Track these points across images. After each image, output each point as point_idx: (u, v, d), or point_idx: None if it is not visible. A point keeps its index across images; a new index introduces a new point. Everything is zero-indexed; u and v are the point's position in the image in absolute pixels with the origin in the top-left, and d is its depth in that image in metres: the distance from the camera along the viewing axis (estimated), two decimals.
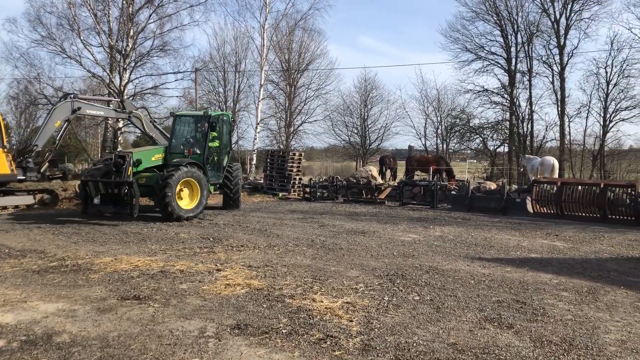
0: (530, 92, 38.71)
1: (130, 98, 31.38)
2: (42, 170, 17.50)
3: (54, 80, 39.61)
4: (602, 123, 36.54)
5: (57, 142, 18.14)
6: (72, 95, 17.01)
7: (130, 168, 13.95)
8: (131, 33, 32.70)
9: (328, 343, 5.14)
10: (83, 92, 36.63)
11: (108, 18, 32.87)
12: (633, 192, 16.52)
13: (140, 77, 35.51)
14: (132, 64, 33.74)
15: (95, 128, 44.50)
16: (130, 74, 33.69)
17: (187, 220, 14.24)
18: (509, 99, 39.48)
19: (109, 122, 33.29)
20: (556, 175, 23.47)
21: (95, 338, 5.16)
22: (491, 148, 43.50)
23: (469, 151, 48.91)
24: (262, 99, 38.03)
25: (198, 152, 15.52)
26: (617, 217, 16.38)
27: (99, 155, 40.02)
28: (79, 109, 16.60)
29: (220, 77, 47.14)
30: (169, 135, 20.20)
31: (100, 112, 18.54)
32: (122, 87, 32.25)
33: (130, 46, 32.79)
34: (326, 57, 67.01)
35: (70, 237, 11.39)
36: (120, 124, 31.72)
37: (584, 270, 8.92)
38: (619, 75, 35.49)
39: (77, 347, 4.92)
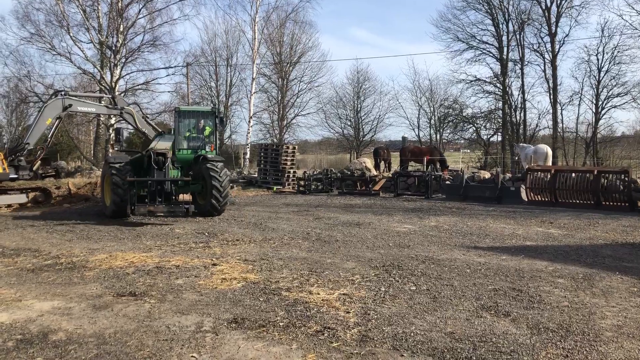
0: (522, 81, 38.81)
1: (122, 94, 31.21)
2: (34, 168, 17.38)
3: (45, 77, 39.37)
4: (594, 110, 36.71)
5: (49, 140, 18.01)
6: (63, 93, 16.87)
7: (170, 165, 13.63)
8: (121, 28, 32.49)
9: (325, 335, 5.13)
10: (74, 89, 36.34)
11: (97, 14, 32.67)
12: (626, 179, 16.59)
13: (131, 72, 35.41)
14: (123, 60, 33.56)
15: (87, 125, 44.32)
16: (121, 70, 33.51)
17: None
18: (501, 88, 39.53)
19: (101, 118, 33.13)
20: (550, 163, 23.53)
21: (91, 335, 5.13)
22: (484, 137, 43.58)
23: (462, 141, 48.96)
24: (254, 93, 37.93)
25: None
26: (611, 203, 16.46)
27: (92, 152, 39.83)
28: (70, 106, 16.46)
29: (212, 72, 46.98)
30: (161, 131, 20.11)
31: (92, 109, 18.42)
32: (113, 84, 32.08)
33: (120, 42, 32.60)
34: (318, 49, 66.64)
35: (64, 235, 11.33)
36: (113, 121, 31.56)
37: (579, 256, 8.95)
38: (610, 62, 35.64)
39: (74, 344, 4.89)
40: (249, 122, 37.45)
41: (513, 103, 39.55)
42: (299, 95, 47.56)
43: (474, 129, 43.83)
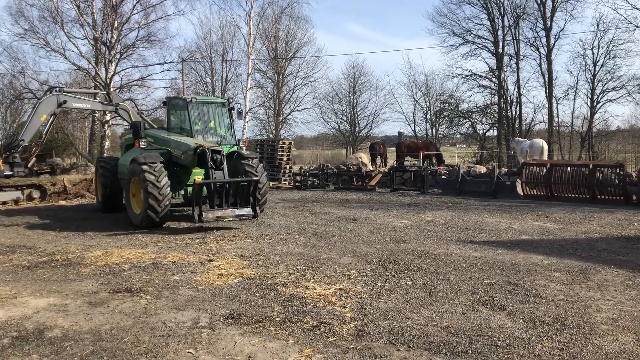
0: (518, 75, 38.86)
1: (117, 90, 31.10)
2: (29, 165, 17.33)
3: (39, 74, 39.09)
4: (589, 104, 36.81)
5: (44, 136, 17.96)
6: (57, 89, 16.79)
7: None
8: (115, 24, 32.33)
9: (322, 330, 5.14)
10: (69, 85, 36.27)
11: (92, 9, 32.49)
12: (621, 172, 16.63)
13: (126, 68, 35.24)
14: (118, 56, 33.41)
15: (82, 122, 44.13)
16: (116, 66, 33.37)
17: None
18: (497, 82, 39.56)
19: (96, 115, 33.01)
20: (545, 157, 23.59)
21: (87, 332, 5.13)
22: (480, 132, 43.66)
23: (458, 136, 49.05)
24: (250, 88, 37.79)
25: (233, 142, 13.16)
26: (606, 197, 16.50)
27: (87, 149, 39.67)
28: (65, 102, 16.40)
29: (207, 67, 46.94)
30: (155, 127, 20.06)
31: (87, 105, 18.33)
32: (108, 80, 31.93)
33: (115, 38, 32.44)
34: (313, 44, 66.79)
35: (60, 231, 11.30)
36: (108, 117, 31.45)
37: (575, 250, 8.98)
38: (605, 56, 35.73)
39: (70, 341, 4.88)
40: (245, 117, 37.36)
41: (509, 97, 39.63)
42: (295, 91, 47.51)
43: (470, 123, 43.91)
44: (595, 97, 36.43)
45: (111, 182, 13.79)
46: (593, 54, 36.05)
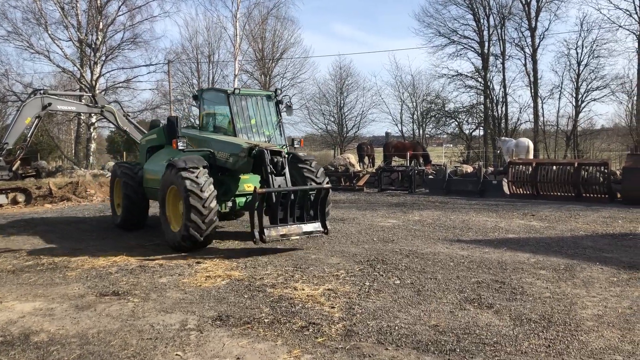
0: (503, 75, 39.14)
1: (102, 92, 30.90)
2: (14, 168, 17.15)
3: (23, 76, 38.95)
4: (574, 104, 37.14)
5: (29, 139, 17.77)
6: (42, 91, 16.64)
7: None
8: (100, 26, 32.14)
9: (310, 330, 5.14)
10: (53, 87, 35.92)
11: (76, 11, 32.28)
12: (606, 170, 16.82)
13: (112, 70, 35.02)
14: (103, 58, 33.22)
15: (67, 124, 43.81)
16: (101, 68, 33.16)
17: None
18: (482, 82, 39.81)
19: (82, 117, 32.77)
20: (531, 156, 23.78)
21: (74, 336, 5.08)
22: (467, 132, 43.90)
23: (445, 136, 49.33)
24: None
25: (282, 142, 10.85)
26: (591, 195, 16.67)
27: (73, 152, 39.34)
28: (50, 104, 16.25)
29: (193, 69, 46.58)
30: (143, 130, 19.93)
31: (72, 108, 18.19)
32: (93, 82, 31.72)
33: (100, 39, 32.24)
34: (300, 45, 66.73)
35: (45, 235, 11.19)
36: (94, 119, 31.23)
37: (561, 248, 9.06)
38: (589, 56, 36.07)
39: (56, 345, 4.84)
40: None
41: (494, 97, 39.89)
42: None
43: (456, 123, 44.17)
44: (580, 96, 36.81)
45: (135, 193, 11.32)
46: (577, 53, 36.44)
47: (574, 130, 37.06)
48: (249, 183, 9.85)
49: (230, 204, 9.81)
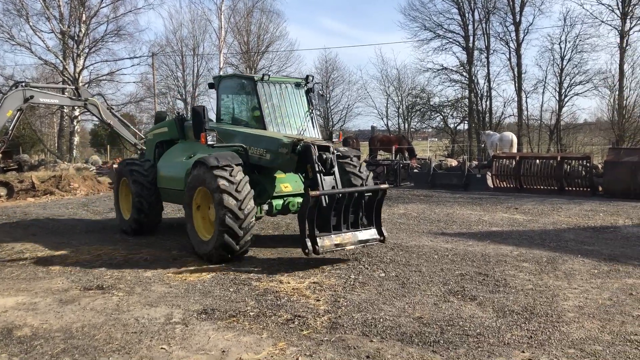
0: (488, 69, 39.32)
1: (86, 85, 30.58)
2: None
3: (4, 68, 38.40)
4: (557, 98, 37.44)
5: (10, 132, 17.50)
6: (23, 84, 16.39)
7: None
8: (83, 18, 31.77)
9: (296, 323, 5.16)
10: (35, 80, 35.47)
11: (58, 2, 31.86)
12: (588, 164, 17.02)
13: (95, 63, 34.69)
14: (86, 50, 32.86)
15: (50, 117, 43.29)
16: (84, 61, 32.80)
17: None
18: (467, 76, 39.98)
19: (65, 110, 32.41)
20: (515, 150, 23.97)
21: (58, 330, 5.06)
22: (451, 126, 44.10)
23: (430, 129, 49.49)
24: None
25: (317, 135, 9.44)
26: (574, 188, 16.87)
27: (56, 145, 38.89)
28: (32, 97, 16.00)
29: (178, 62, 46.38)
30: (127, 123, 19.76)
31: (55, 100, 17.95)
32: (76, 74, 31.37)
33: (83, 31, 31.87)
34: (286, 39, 66.50)
35: (28, 228, 11.08)
36: (77, 112, 30.90)
37: (543, 241, 9.17)
38: (572, 51, 36.32)
39: (40, 340, 4.81)
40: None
41: (479, 91, 40.10)
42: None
43: (441, 117, 44.33)
44: (563, 90, 37.10)
45: (148, 194, 9.89)
46: (561, 48, 36.70)
47: (557, 124, 37.40)
48: (286, 183, 8.69)
49: (266, 207, 8.41)
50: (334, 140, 9.66)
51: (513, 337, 4.74)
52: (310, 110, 9.60)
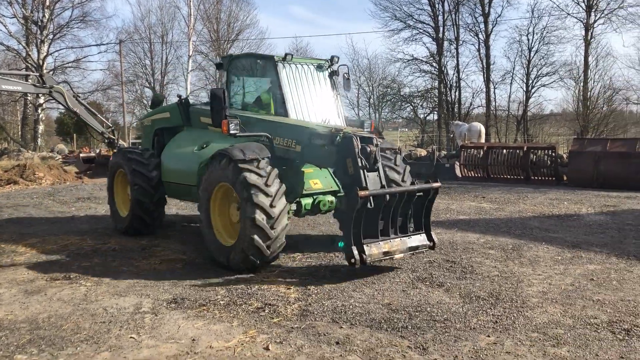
0: (457, 60, 39.71)
1: (51, 72, 29.84)
2: None
3: None
4: (524, 89, 38.09)
5: None
6: None
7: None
8: (47, 3, 30.91)
9: (266, 311, 5.19)
10: None
11: None
12: (553, 154, 17.43)
13: (60, 50, 34.10)
14: (51, 36, 32.02)
15: (13, 105, 42.16)
16: (48, 47, 31.99)
17: None
18: (437, 67, 40.31)
19: (29, 98, 31.60)
20: (483, 140, 24.34)
21: (23, 321, 4.97)
22: (421, 116, 44.52)
23: (400, 120, 49.86)
24: (191, 71, 37.07)
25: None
26: (539, 178, 17.26)
27: (19, 134, 37.89)
28: None
29: (146, 49, 45.66)
30: (95, 111, 19.35)
31: (18, 88, 17.41)
32: (40, 61, 30.58)
33: (47, 17, 31.03)
34: (256, 27, 65.55)
35: None
36: (42, 100, 30.16)
37: (509, 229, 9.38)
38: (539, 42, 36.95)
39: (4, 331, 4.73)
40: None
41: (448, 82, 40.48)
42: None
43: (412, 107, 44.67)
44: (530, 82, 37.75)
45: (151, 188, 8.69)
46: (528, 40, 37.28)
47: (524, 115, 38.07)
48: (315, 179, 7.63)
49: (294, 206, 7.25)
50: (365, 129, 8.29)
51: (479, 322, 4.86)
52: (335, 96, 8.55)
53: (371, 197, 6.10)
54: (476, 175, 18.44)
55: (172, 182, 8.61)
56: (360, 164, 6.41)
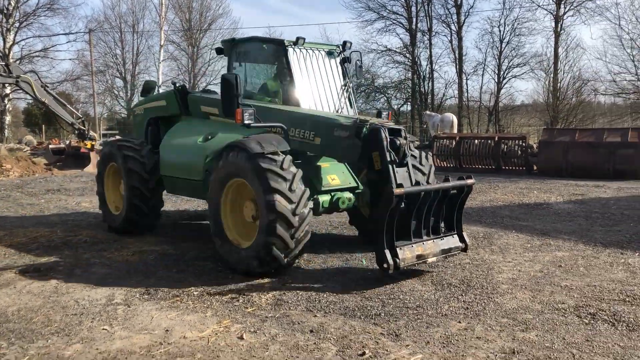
0: (430, 51, 39.89)
1: (17, 61, 29.11)
2: None
3: None
4: (496, 80, 38.47)
5: None
6: None
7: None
8: None
9: (241, 301, 5.19)
10: None
11: None
12: (524, 144, 17.74)
13: (27, 38, 33.10)
14: (17, 25, 31.22)
15: None
16: (15, 36, 31.23)
17: None
18: (410, 58, 40.48)
19: None
20: (455, 130, 24.64)
21: None
22: (395, 107, 44.67)
23: (374, 111, 50.00)
24: (162, 61, 36.58)
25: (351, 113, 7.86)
26: (510, 167, 17.56)
27: None
28: None
29: (116, 38, 44.93)
30: (64, 102, 19.01)
31: None
32: (6, 50, 29.81)
33: (12, 4, 30.22)
34: (229, 16, 65.29)
35: None
36: (8, 90, 29.43)
37: (480, 217, 9.53)
38: (510, 34, 37.30)
39: None
40: (157, 91, 36.20)
41: (422, 73, 40.69)
42: (211, 64, 46.46)
43: (385, 98, 44.82)
44: (502, 73, 38.12)
45: (147, 184, 7.93)
46: (500, 31, 37.59)
47: (496, 105, 38.50)
48: (332, 174, 7.02)
49: (311, 204, 6.28)
50: (383, 120, 7.55)
51: (450, 309, 4.94)
52: (347, 84, 7.99)
53: (407, 196, 5.55)
54: (448, 165, 18.65)
55: (173, 177, 7.74)
56: (389, 158, 5.91)
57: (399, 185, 5.52)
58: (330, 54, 7.86)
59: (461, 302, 5.14)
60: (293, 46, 7.31)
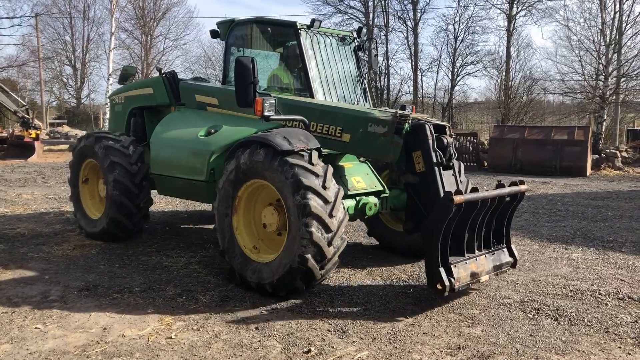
0: (386, 47, 40.08)
1: None
2: None
3: None
4: (450, 77, 39.07)
5: None
6: None
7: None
8: None
9: (184, 297, 5.02)
10: None
11: None
12: (475, 140, 18.04)
13: None
14: None
15: None
16: None
17: None
18: (367, 53, 40.67)
19: None
20: None
21: None
22: None
23: None
24: (113, 49, 35.47)
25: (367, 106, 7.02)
26: (462, 163, 17.82)
27: None
28: None
29: (66, 24, 43.40)
30: (7, 89, 18.22)
31: None
32: None
33: None
34: (184, 5, 64.16)
35: None
36: None
37: None
38: (465, 32, 37.91)
39: None
40: (109, 79, 35.08)
41: (378, 69, 40.97)
42: (164, 53, 45.47)
43: None
44: (456, 70, 38.76)
45: (133, 184, 6.81)
46: (454, 29, 38.15)
47: (450, 102, 39.12)
48: (356, 176, 6.13)
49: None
50: (408, 110, 6.32)
51: (398, 304, 4.91)
52: (361, 75, 7.24)
53: (465, 205, 4.73)
54: None
55: (168, 177, 6.60)
56: (435, 160, 5.28)
57: (458, 192, 4.73)
58: (343, 40, 6.97)
59: (409, 297, 5.12)
60: (307, 30, 6.40)
